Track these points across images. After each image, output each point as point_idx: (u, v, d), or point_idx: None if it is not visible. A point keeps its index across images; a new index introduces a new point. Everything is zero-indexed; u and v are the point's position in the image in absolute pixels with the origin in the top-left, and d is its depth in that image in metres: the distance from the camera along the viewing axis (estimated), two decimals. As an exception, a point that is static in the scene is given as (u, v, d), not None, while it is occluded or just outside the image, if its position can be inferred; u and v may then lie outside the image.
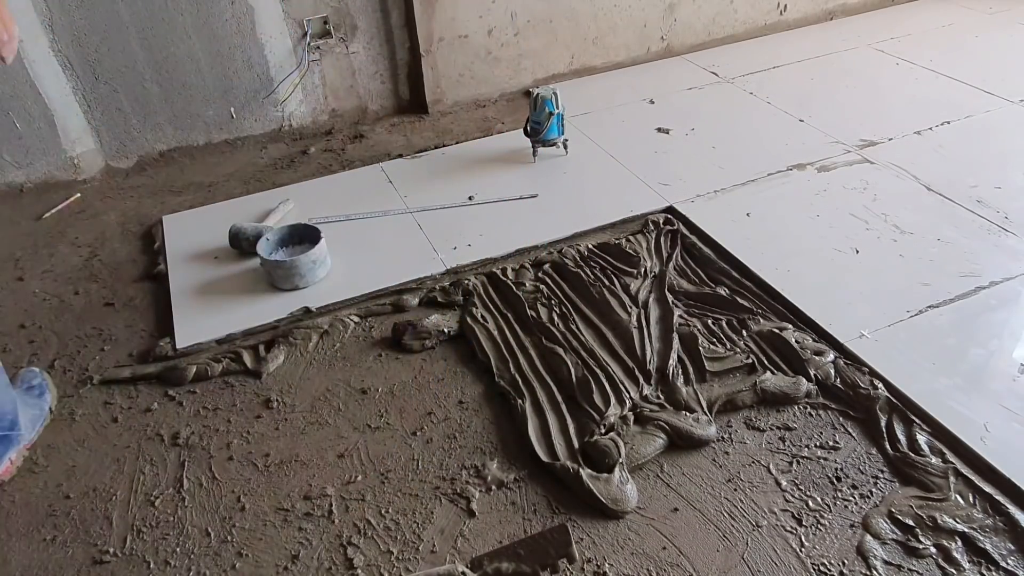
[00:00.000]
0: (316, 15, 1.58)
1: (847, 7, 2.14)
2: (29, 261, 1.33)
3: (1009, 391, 0.91)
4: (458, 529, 0.80)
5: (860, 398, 0.91)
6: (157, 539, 0.81)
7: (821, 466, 0.84)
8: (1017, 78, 1.70)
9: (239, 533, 0.81)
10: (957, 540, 0.75)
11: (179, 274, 1.23)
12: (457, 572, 0.73)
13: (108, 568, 0.78)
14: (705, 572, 0.74)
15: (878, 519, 0.78)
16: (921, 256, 1.16)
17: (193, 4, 1.47)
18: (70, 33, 1.41)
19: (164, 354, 1.07)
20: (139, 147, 1.59)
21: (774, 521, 0.79)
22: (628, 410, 0.91)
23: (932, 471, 0.82)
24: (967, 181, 1.34)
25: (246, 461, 0.90)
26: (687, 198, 1.35)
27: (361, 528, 0.81)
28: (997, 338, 0.99)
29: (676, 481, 0.84)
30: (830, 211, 1.29)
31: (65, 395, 1.02)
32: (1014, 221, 1.23)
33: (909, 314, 1.04)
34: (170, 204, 1.48)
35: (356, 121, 1.75)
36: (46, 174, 1.53)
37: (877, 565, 0.73)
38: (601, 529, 0.79)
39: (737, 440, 0.89)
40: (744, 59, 1.91)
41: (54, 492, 0.87)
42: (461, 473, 0.86)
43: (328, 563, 0.77)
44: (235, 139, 1.66)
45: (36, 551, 0.80)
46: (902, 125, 1.54)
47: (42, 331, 1.15)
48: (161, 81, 1.53)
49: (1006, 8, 2.09)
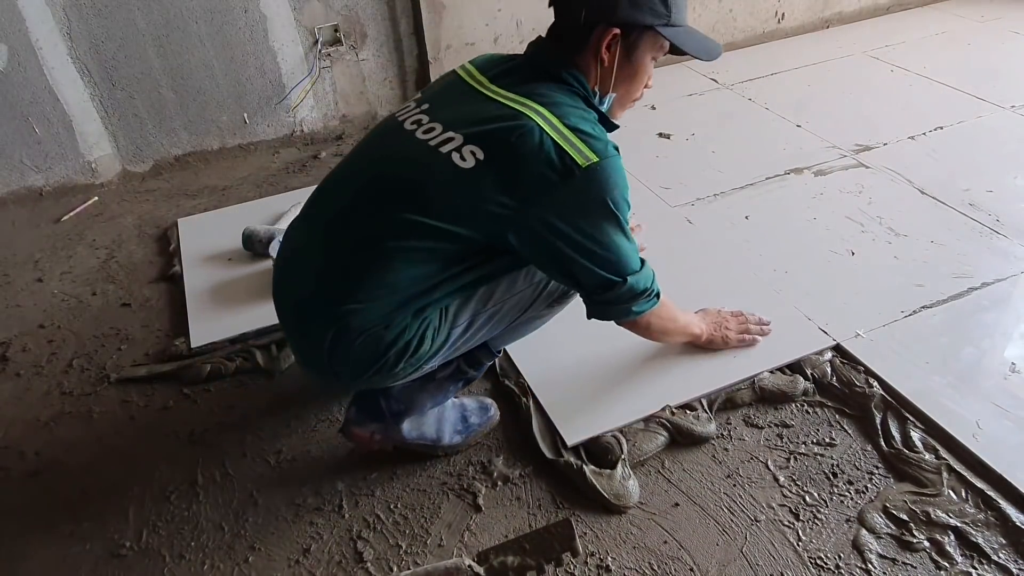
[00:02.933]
0: (327, 23, 1.62)
1: (843, 16, 2.18)
2: (48, 263, 1.36)
3: (1000, 389, 0.93)
4: (465, 523, 0.82)
5: (856, 396, 0.93)
6: (172, 533, 0.83)
7: (818, 462, 0.86)
8: (1008, 84, 1.72)
9: (252, 527, 0.83)
10: (950, 534, 0.77)
11: (194, 275, 1.25)
12: (464, 565, 0.75)
13: (125, 562, 0.80)
14: (705, 565, 0.76)
15: (873, 514, 0.80)
16: (915, 258, 1.18)
17: (208, 13, 1.50)
18: (88, 40, 1.45)
19: (179, 353, 1.09)
20: (155, 152, 1.63)
21: (772, 516, 0.81)
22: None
23: (926, 467, 0.84)
24: (960, 185, 1.37)
25: (259, 457, 0.92)
26: (687, 201, 1.38)
27: (371, 522, 0.83)
28: (989, 337, 1.01)
29: (677, 477, 0.86)
30: (826, 214, 1.31)
31: (83, 393, 1.04)
32: (1006, 224, 1.25)
33: (903, 314, 1.06)
34: (185, 207, 1.51)
35: (366, 126, 1.79)
36: (64, 178, 1.56)
37: (872, 558, 0.75)
38: (604, 523, 0.81)
39: (736, 437, 0.91)
40: (743, 66, 1.93)
41: (72, 488, 0.90)
42: (468, 469, 0.88)
43: (339, 556, 0.79)
44: (248, 144, 1.70)
45: (55, 545, 0.82)
46: (897, 130, 1.57)
47: (61, 331, 1.18)
48: (176, 87, 1.57)
49: (997, 17, 2.12)
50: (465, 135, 0.67)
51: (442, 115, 0.71)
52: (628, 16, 0.70)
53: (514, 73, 0.73)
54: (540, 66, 0.73)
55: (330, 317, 0.70)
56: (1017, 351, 0.98)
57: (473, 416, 0.90)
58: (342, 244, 0.71)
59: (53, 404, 1.03)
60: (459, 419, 0.89)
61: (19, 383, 1.07)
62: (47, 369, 1.09)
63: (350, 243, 0.71)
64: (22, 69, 1.42)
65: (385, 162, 0.73)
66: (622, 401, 0.93)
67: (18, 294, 1.28)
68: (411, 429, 0.85)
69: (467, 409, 0.90)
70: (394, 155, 0.73)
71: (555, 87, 0.71)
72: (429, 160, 0.68)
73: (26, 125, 1.47)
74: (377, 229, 0.69)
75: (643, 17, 0.70)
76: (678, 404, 0.93)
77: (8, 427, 0.99)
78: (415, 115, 0.73)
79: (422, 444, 0.87)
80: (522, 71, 0.73)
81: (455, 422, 0.88)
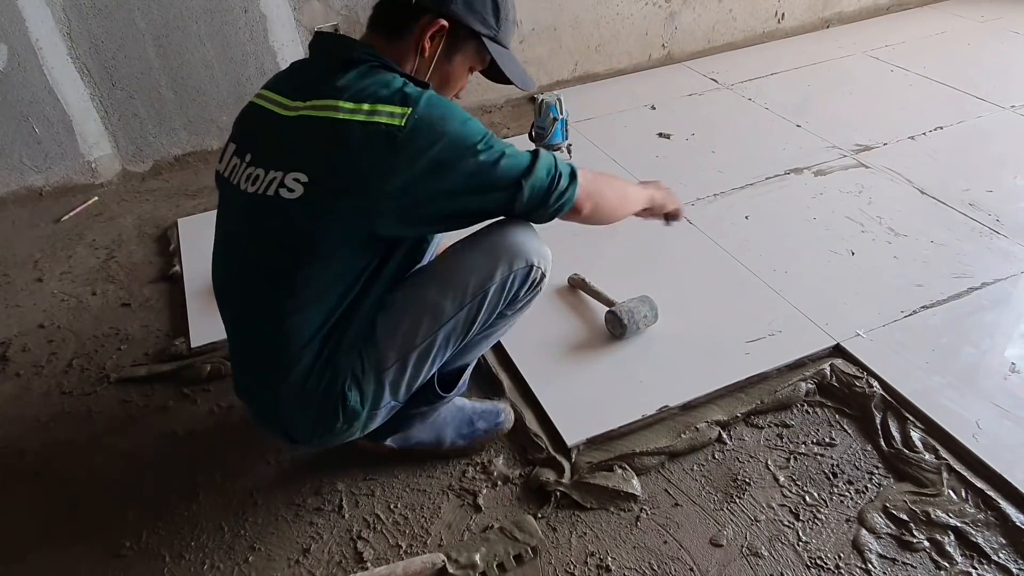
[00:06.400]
0: (327, 23, 1.62)
1: (843, 16, 2.18)
2: (48, 263, 1.36)
3: (1000, 389, 0.93)
4: (465, 524, 0.82)
5: (856, 396, 0.93)
6: (172, 533, 0.83)
7: (818, 462, 0.86)
8: (1008, 84, 1.72)
9: (252, 527, 0.83)
10: (950, 534, 0.77)
11: (194, 275, 1.25)
12: (439, 560, 0.75)
13: (125, 562, 0.80)
14: (705, 565, 0.76)
15: (873, 514, 0.79)
16: (915, 258, 1.18)
17: (207, 13, 1.50)
18: (88, 41, 1.45)
19: (179, 353, 1.09)
20: (155, 152, 1.63)
21: (772, 516, 0.81)
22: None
23: (925, 467, 0.84)
24: (960, 185, 1.37)
25: (259, 457, 0.92)
26: (687, 201, 1.38)
27: (371, 522, 0.83)
28: (989, 337, 1.01)
29: (677, 477, 0.86)
30: (826, 214, 1.31)
31: (83, 393, 1.04)
32: (1005, 224, 1.25)
33: (903, 314, 1.06)
34: (185, 207, 1.51)
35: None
36: (64, 178, 1.56)
37: (872, 558, 0.75)
38: (604, 523, 0.81)
39: (736, 437, 0.91)
40: (743, 66, 1.93)
41: (72, 487, 0.90)
42: (468, 469, 0.88)
43: (339, 556, 0.79)
44: (246, 144, 1.71)
45: (55, 545, 0.82)
46: (896, 130, 1.57)
47: (60, 331, 1.18)
48: (176, 87, 1.56)
49: (997, 17, 2.12)
50: (284, 167, 0.65)
51: (259, 156, 0.68)
52: (460, 14, 0.69)
53: (306, 75, 0.70)
54: (331, 56, 0.68)
55: (274, 394, 0.71)
56: (1017, 351, 0.98)
57: (481, 420, 0.87)
58: (254, 334, 0.72)
59: (53, 404, 1.03)
60: (464, 421, 0.87)
61: (19, 383, 1.07)
62: (47, 369, 1.09)
63: (256, 331, 0.71)
64: (22, 69, 1.42)
65: (238, 237, 0.72)
66: (622, 401, 0.93)
67: (18, 294, 1.28)
68: (402, 439, 0.84)
69: (474, 412, 0.88)
70: (241, 225, 0.70)
71: (352, 72, 0.65)
72: (264, 210, 0.66)
73: (26, 125, 1.47)
74: (269, 300, 0.68)
75: (473, 22, 0.70)
76: (678, 404, 0.93)
77: (8, 427, 0.99)
78: (237, 168, 0.70)
79: (422, 447, 0.86)
80: (312, 69, 0.70)
81: (459, 424, 0.86)
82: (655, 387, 0.95)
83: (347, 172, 0.63)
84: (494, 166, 0.65)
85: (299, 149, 0.66)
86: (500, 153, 0.66)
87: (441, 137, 0.63)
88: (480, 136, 0.65)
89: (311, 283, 0.67)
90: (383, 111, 0.62)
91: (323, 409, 0.71)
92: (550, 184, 0.69)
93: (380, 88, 0.64)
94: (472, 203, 0.67)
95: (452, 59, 0.73)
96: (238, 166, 0.71)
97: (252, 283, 0.71)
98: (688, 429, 0.89)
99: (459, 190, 0.65)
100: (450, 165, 0.63)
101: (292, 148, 0.66)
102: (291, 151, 0.66)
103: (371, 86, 0.64)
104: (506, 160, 0.66)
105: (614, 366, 0.99)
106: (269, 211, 0.66)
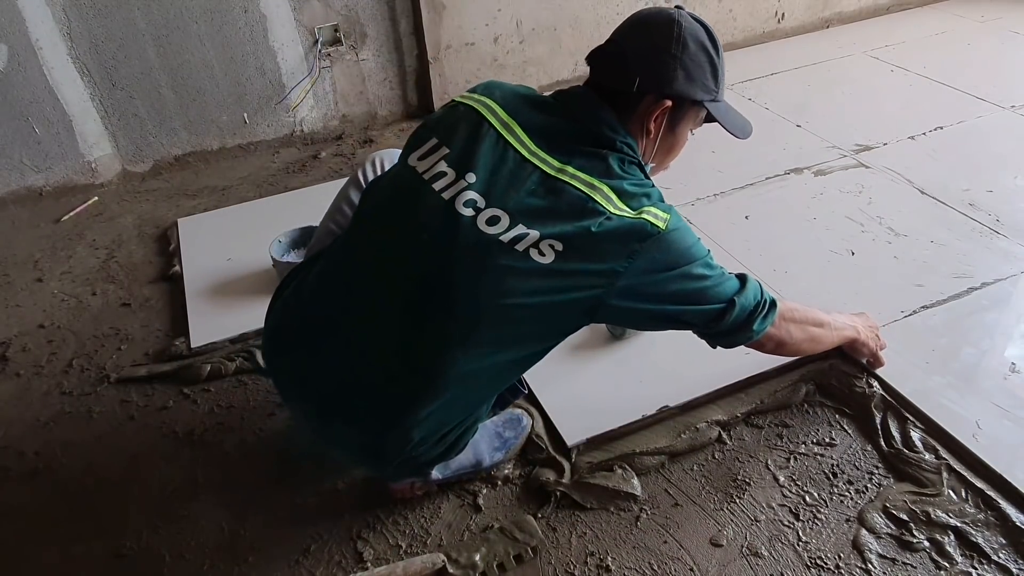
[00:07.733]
0: (327, 23, 1.62)
1: (843, 16, 2.18)
2: (48, 263, 1.36)
3: (1000, 389, 0.93)
4: (465, 524, 0.82)
5: (855, 396, 0.93)
6: (172, 533, 0.83)
7: (818, 462, 0.86)
8: (1008, 84, 1.72)
9: (252, 527, 0.83)
10: (950, 534, 0.77)
11: (194, 275, 1.26)
12: (439, 559, 0.75)
13: (125, 562, 0.80)
14: (705, 565, 0.76)
15: (873, 514, 0.80)
16: (915, 258, 1.18)
17: (207, 13, 1.50)
18: (88, 41, 1.45)
19: (179, 353, 1.09)
20: (155, 152, 1.63)
21: (772, 516, 0.81)
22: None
23: (925, 467, 0.84)
24: (960, 185, 1.37)
25: (259, 457, 0.92)
26: (687, 201, 1.38)
27: (371, 522, 0.83)
28: (989, 338, 1.01)
29: (677, 477, 0.86)
30: (826, 214, 1.31)
31: (83, 393, 1.04)
32: (1005, 224, 1.25)
33: (903, 314, 1.06)
34: (185, 207, 1.51)
35: (366, 126, 1.79)
36: (64, 178, 1.56)
37: (872, 558, 0.75)
38: (604, 523, 0.81)
39: (736, 437, 0.91)
40: (743, 66, 1.93)
41: (72, 488, 0.90)
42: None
43: (339, 556, 0.79)
44: (248, 144, 1.70)
45: (55, 545, 0.82)
46: (896, 130, 1.57)
47: (60, 331, 1.18)
48: (176, 87, 1.57)
49: (997, 17, 2.12)
50: (542, 232, 0.62)
51: (502, 198, 0.63)
52: (683, 90, 0.69)
53: (561, 135, 0.68)
54: (592, 131, 0.68)
55: (386, 422, 0.68)
56: (1017, 351, 0.98)
57: (508, 430, 0.88)
58: (403, 359, 0.66)
59: (53, 404, 1.03)
60: (494, 435, 0.87)
61: (19, 383, 1.07)
62: (47, 369, 1.09)
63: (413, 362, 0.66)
64: (22, 69, 1.42)
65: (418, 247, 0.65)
66: (622, 401, 0.93)
67: (18, 294, 1.28)
68: (444, 467, 0.83)
69: (497, 425, 0.89)
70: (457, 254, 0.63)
71: (613, 156, 0.67)
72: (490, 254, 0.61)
73: (26, 125, 1.47)
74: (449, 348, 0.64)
75: (695, 92, 0.70)
76: (678, 404, 0.93)
77: (8, 427, 0.99)
78: (448, 181, 0.65)
79: (464, 473, 0.85)
80: (571, 133, 0.68)
81: (490, 439, 0.86)
82: (655, 387, 0.95)
83: (601, 252, 0.63)
84: (714, 283, 0.70)
85: (563, 221, 0.62)
86: (720, 272, 0.71)
87: (682, 249, 0.67)
88: (707, 253, 0.70)
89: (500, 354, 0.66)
90: (650, 211, 0.64)
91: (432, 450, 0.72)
92: (755, 308, 0.73)
93: (643, 188, 0.67)
94: (683, 312, 0.70)
95: (676, 131, 0.74)
96: (451, 180, 0.65)
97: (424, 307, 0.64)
98: (688, 429, 0.89)
99: (678, 297, 0.68)
100: (681, 275, 0.67)
101: (554, 216, 0.63)
102: (552, 217, 0.63)
103: (634, 183, 0.66)
104: (723, 280, 0.71)
105: (614, 366, 0.99)
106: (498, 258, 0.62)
